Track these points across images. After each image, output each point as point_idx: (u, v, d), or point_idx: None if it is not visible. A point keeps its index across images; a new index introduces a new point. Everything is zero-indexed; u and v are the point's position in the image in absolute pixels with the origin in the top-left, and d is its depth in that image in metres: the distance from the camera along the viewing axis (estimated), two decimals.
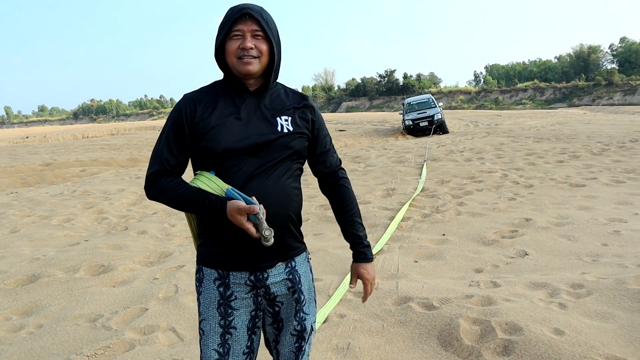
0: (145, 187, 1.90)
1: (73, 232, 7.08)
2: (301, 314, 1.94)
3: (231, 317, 1.87)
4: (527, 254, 4.94)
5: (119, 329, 3.76)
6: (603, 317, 3.40)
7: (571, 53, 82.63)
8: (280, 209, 1.84)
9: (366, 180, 9.92)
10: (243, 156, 1.80)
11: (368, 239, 2.08)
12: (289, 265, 1.93)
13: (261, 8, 1.83)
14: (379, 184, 9.42)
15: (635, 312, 3.43)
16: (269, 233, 1.70)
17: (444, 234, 5.87)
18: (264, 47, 1.82)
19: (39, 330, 3.89)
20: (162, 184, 1.86)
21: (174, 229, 6.86)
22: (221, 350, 1.87)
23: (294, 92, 2.01)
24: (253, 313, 1.92)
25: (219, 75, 1.97)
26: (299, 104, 1.96)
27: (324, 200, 8.00)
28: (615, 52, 79.58)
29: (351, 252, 2.06)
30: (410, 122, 23.20)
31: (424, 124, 22.72)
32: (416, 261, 5.00)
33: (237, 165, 1.80)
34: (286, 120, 1.88)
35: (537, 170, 9.57)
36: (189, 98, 1.87)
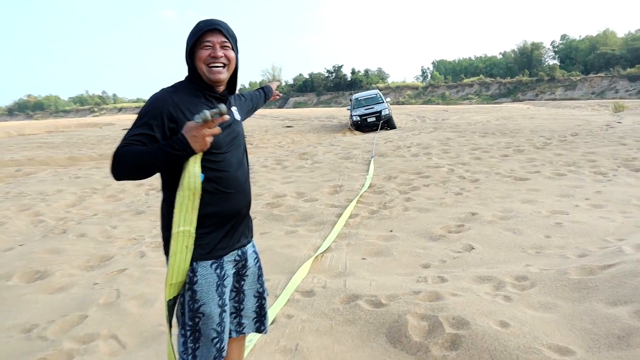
0: (110, 167, 1.94)
1: (6, 237, 6.71)
2: (262, 279, 2.38)
3: (224, 296, 2.15)
4: (473, 248, 5.00)
5: (56, 338, 3.56)
6: (546, 308, 3.47)
7: (515, 49, 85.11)
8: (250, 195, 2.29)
9: (313, 177, 9.86)
10: (228, 149, 2.12)
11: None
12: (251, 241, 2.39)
13: (226, 24, 2.14)
14: (326, 180, 9.38)
15: (575, 302, 3.51)
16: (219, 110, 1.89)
17: (391, 230, 5.88)
18: (231, 54, 2.13)
19: None
20: (120, 152, 1.89)
21: (116, 231, 6.60)
22: (219, 328, 2.12)
23: None
24: (231, 289, 2.25)
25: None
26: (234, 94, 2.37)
27: (270, 198, 7.93)
28: (556, 49, 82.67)
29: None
30: (358, 118, 23.26)
31: (371, 119, 22.81)
32: (364, 258, 4.98)
33: (227, 152, 2.12)
34: (237, 111, 2.34)
35: (483, 164, 9.78)
36: (168, 96, 2.03)
